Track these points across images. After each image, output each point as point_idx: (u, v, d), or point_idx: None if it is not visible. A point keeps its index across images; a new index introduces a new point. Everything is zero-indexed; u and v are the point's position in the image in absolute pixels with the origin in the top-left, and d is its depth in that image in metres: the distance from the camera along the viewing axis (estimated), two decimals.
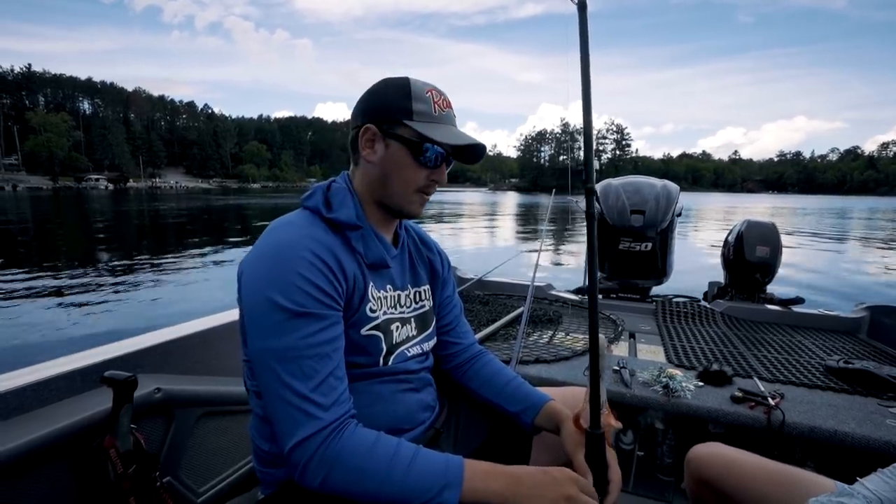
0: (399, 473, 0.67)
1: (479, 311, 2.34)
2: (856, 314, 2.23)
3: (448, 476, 0.67)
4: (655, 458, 1.65)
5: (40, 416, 0.91)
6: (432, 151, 0.80)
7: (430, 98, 0.81)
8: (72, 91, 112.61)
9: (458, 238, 15.13)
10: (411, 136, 0.79)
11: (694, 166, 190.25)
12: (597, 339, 0.76)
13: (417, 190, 0.83)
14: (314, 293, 0.71)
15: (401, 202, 0.84)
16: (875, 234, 19.09)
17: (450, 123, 0.83)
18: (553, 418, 0.89)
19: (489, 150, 1.01)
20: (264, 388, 0.71)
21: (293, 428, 0.67)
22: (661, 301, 2.55)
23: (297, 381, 0.68)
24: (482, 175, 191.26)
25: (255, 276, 0.73)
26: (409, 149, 0.80)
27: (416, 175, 0.82)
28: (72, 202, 36.48)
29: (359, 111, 0.83)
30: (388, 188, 0.83)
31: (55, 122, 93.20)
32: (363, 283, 0.81)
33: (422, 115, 0.79)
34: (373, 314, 0.81)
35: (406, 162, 0.80)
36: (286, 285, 0.70)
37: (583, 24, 0.70)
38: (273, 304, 0.69)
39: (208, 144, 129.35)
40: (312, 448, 0.67)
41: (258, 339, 0.71)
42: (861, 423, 1.28)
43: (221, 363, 1.37)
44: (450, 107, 0.84)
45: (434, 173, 0.83)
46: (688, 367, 1.68)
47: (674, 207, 2.77)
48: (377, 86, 0.83)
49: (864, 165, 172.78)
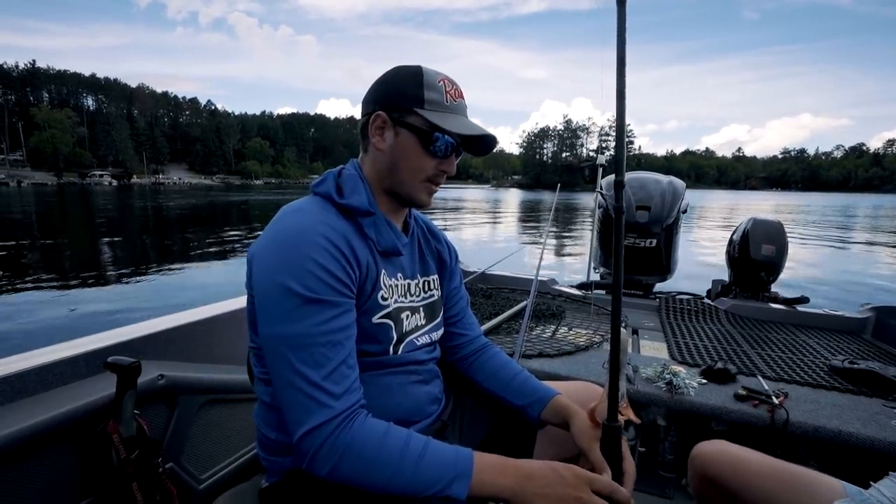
0: (409, 464, 0.67)
1: (482, 304, 2.34)
2: (861, 314, 2.22)
3: (458, 468, 0.67)
4: (657, 455, 1.65)
5: (44, 400, 0.92)
6: (442, 141, 0.79)
7: (443, 87, 0.79)
8: (76, 87, 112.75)
9: (460, 232, 15.13)
10: (422, 125, 0.78)
11: (697, 163, 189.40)
12: (618, 331, 0.75)
13: (426, 179, 0.82)
14: (328, 279, 0.70)
15: (409, 191, 0.83)
16: (880, 233, 18.96)
17: (461, 114, 0.82)
18: (561, 413, 0.89)
19: None
20: (275, 374, 0.70)
21: (304, 416, 0.67)
22: (664, 297, 2.54)
23: (309, 368, 0.68)
24: (485, 172, 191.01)
25: (268, 261, 0.72)
26: (419, 137, 0.79)
27: (426, 164, 0.81)
28: (76, 197, 36.66)
29: (370, 98, 0.82)
30: (396, 176, 0.82)
31: (59, 119, 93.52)
32: (375, 270, 0.80)
33: (433, 103, 0.78)
34: (384, 302, 0.81)
35: (415, 151, 0.80)
36: (300, 271, 0.69)
37: (621, 18, 0.69)
38: (286, 290, 0.68)
39: (211, 141, 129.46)
40: (323, 437, 0.66)
41: (270, 326, 0.70)
42: (866, 423, 1.27)
43: (225, 351, 1.37)
44: (461, 97, 0.83)
45: (444, 163, 0.82)
46: (691, 364, 1.68)
47: (679, 204, 2.76)
48: (389, 73, 0.82)
49: (870, 163, 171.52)
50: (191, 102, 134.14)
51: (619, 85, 0.70)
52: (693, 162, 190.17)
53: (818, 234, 17.53)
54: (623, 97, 0.71)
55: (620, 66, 0.69)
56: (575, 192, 69.36)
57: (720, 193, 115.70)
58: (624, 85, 0.70)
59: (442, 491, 0.66)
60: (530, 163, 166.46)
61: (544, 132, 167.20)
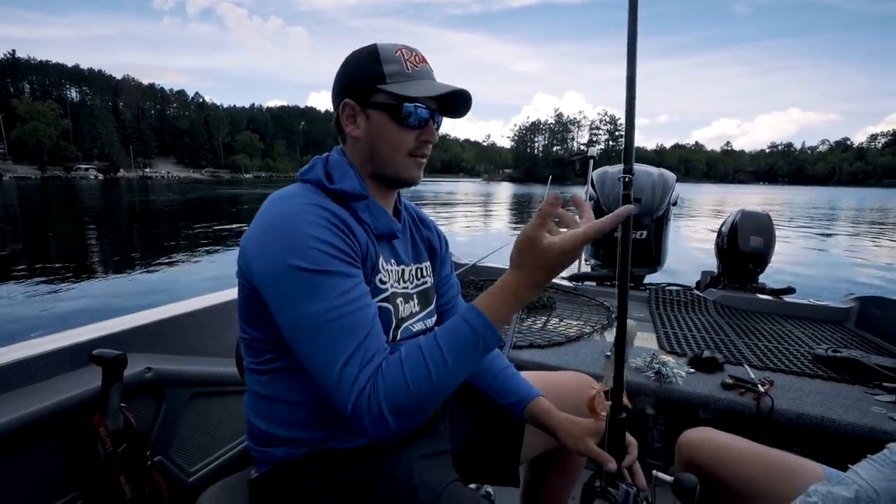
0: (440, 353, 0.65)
1: (473, 296, 2.32)
2: (845, 304, 2.27)
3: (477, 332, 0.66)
4: (646, 444, 1.67)
5: (28, 394, 0.90)
6: (414, 110, 0.76)
7: (401, 56, 0.76)
8: (58, 78, 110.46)
9: (451, 225, 15.12)
10: (389, 101, 0.76)
11: (687, 157, 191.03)
12: (625, 323, 0.75)
13: (409, 154, 0.79)
14: (333, 252, 0.68)
15: (395, 170, 0.80)
16: (862, 226, 19.36)
17: (427, 78, 0.79)
18: (541, 419, 0.88)
19: (483, 141, 1.00)
20: (309, 356, 0.67)
21: (350, 390, 0.64)
22: (654, 289, 2.56)
23: (348, 335, 0.66)
24: (476, 165, 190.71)
25: (269, 247, 0.69)
26: (389, 113, 0.76)
27: (404, 139, 0.78)
28: (61, 192, 35.94)
29: (335, 90, 0.80)
30: (378, 158, 0.79)
31: (42, 111, 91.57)
32: (375, 252, 0.78)
33: (395, 75, 0.76)
34: (383, 286, 0.79)
35: (390, 128, 0.77)
36: (304, 249, 0.67)
37: (632, 10, 0.68)
38: (296, 270, 0.66)
39: (200, 134, 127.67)
40: (367, 388, 0.64)
41: (289, 309, 0.67)
42: (847, 409, 1.30)
43: (212, 344, 1.36)
44: (424, 62, 0.79)
45: (423, 133, 0.79)
46: (680, 354, 1.70)
47: (669, 196, 2.78)
48: (346, 59, 0.80)
49: (854, 157, 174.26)
50: (178, 95, 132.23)
51: (630, 72, 0.68)
52: (683, 156, 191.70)
53: (804, 227, 17.82)
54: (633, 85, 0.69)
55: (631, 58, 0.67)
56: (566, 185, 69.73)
57: (709, 187, 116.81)
58: (634, 73, 0.68)
59: (480, 346, 0.66)
60: (521, 156, 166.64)
61: (535, 126, 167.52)
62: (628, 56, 0.68)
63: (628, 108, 0.70)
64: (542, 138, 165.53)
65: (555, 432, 0.85)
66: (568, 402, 0.92)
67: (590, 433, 0.81)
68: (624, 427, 0.76)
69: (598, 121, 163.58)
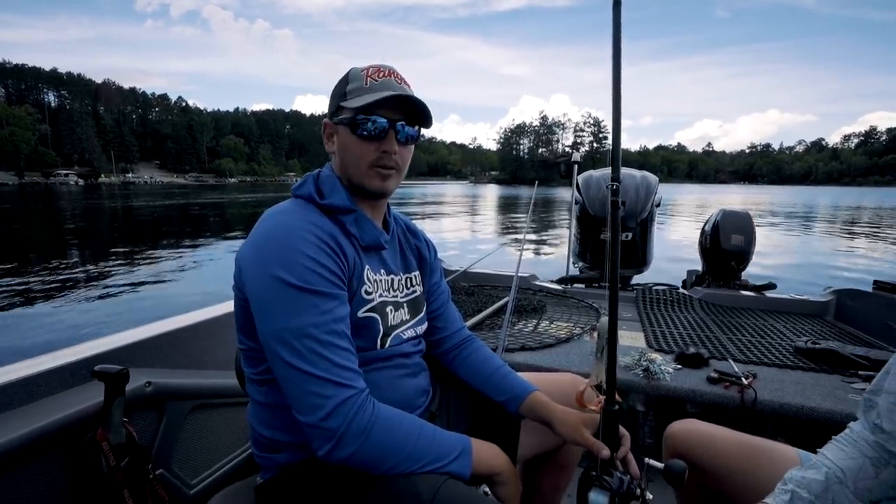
0: (427, 439, 0.73)
1: (464, 301, 2.37)
2: (823, 298, 2.35)
3: (463, 445, 0.76)
4: (637, 439, 1.71)
5: (30, 412, 0.91)
6: (366, 121, 0.79)
7: (364, 74, 0.81)
8: (35, 82, 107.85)
9: (440, 231, 15.13)
10: (348, 115, 0.81)
11: (669, 158, 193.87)
12: (615, 321, 0.78)
13: (371, 165, 0.82)
14: (322, 272, 0.72)
15: (361, 181, 0.84)
16: (838, 224, 19.93)
17: (384, 89, 0.80)
18: (538, 411, 0.92)
19: (470, 144, 1.01)
20: (284, 367, 0.70)
21: (322, 399, 0.68)
22: (641, 289, 2.62)
23: (320, 356, 0.69)
24: (462, 168, 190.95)
25: (261, 260, 0.73)
26: (349, 127, 0.81)
27: (364, 150, 0.81)
28: (39, 199, 35.04)
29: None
30: (346, 171, 0.84)
31: (19, 115, 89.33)
32: (360, 265, 0.82)
33: (354, 91, 0.81)
34: (368, 296, 0.83)
35: (350, 140, 0.82)
36: (294, 265, 0.71)
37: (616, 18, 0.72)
38: (283, 284, 0.70)
39: (183, 138, 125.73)
40: (352, 411, 0.69)
41: (272, 321, 0.71)
42: (826, 397, 1.37)
43: (210, 356, 1.37)
44: (390, 76, 0.82)
45: (383, 144, 0.81)
46: (667, 351, 1.75)
47: (653, 198, 2.84)
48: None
49: (829, 157, 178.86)
50: (160, 99, 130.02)
51: (615, 76, 0.72)
52: (665, 157, 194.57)
53: (785, 224, 18.24)
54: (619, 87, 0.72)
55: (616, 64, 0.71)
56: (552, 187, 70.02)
57: (691, 187, 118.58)
58: (619, 78, 0.72)
59: (449, 464, 0.72)
60: (507, 159, 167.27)
61: (521, 128, 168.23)
62: (613, 62, 0.72)
63: (615, 116, 0.74)
64: (527, 140, 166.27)
65: (550, 423, 0.89)
66: (560, 402, 0.94)
67: (584, 424, 0.84)
68: (618, 419, 0.79)
69: (583, 123, 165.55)
